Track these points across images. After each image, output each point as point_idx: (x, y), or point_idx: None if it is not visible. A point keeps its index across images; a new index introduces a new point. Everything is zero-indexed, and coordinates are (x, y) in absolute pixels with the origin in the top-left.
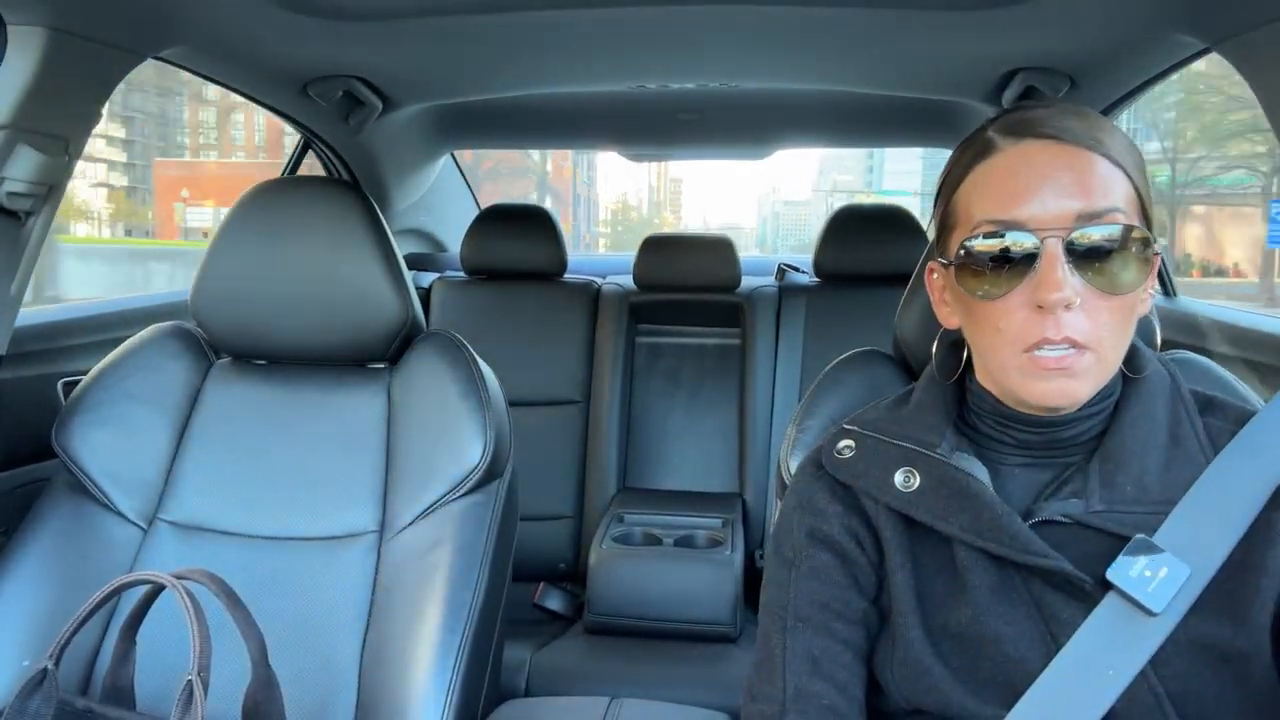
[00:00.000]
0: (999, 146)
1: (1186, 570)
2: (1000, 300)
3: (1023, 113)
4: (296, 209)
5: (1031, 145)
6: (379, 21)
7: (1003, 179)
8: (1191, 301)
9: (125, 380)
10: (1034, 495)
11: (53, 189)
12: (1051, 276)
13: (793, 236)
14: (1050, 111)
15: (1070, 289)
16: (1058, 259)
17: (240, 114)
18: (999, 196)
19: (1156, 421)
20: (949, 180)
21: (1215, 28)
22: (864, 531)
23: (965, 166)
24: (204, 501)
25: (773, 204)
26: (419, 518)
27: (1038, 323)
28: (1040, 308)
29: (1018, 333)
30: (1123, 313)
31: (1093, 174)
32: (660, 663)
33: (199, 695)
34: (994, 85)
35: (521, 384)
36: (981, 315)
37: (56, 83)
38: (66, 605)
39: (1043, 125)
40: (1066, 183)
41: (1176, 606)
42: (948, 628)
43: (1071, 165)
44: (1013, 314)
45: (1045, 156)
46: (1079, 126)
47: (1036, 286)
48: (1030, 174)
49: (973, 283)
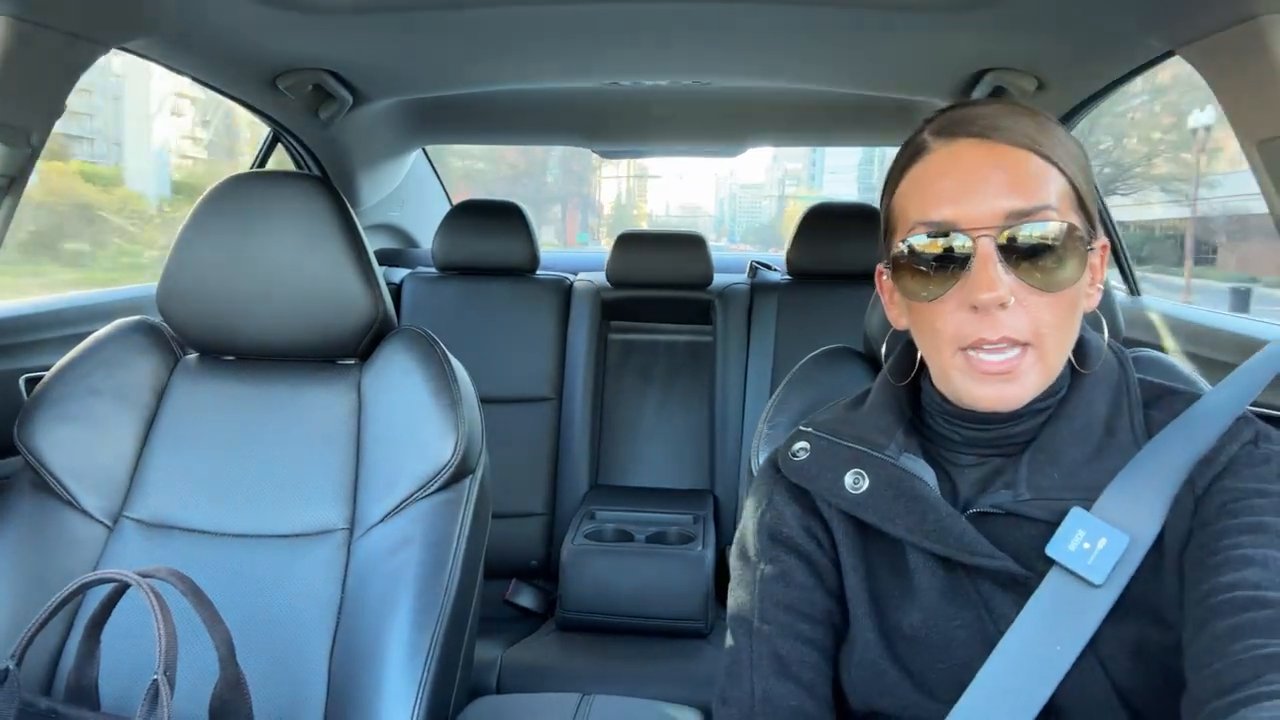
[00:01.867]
0: (931, 147)
1: (1125, 539)
2: (937, 301)
3: (957, 112)
4: (265, 203)
5: (961, 145)
6: (349, 15)
7: (933, 180)
8: (1154, 300)
9: (90, 376)
10: (978, 490)
11: (14, 181)
12: (984, 276)
13: (748, 217)
14: (984, 110)
15: (1004, 288)
16: (990, 258)
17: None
18: (930, 198)
19: (1094, 413)
20: (888, 183)
21: (1179, 31)
22: (821, 532)
23: (901, 169)
24: (170, 499)
25: (730, 187)
26: (389, 515)
27: (974, 323)
28: (975, 308)
29: (955, 333)
30: (1063, 309)
31: (1023, 171)
32: (632, 659)
33: (165, 695)
34: (963, 85)
35: (493, 380)
36: (920, 316)
37: (18, 73)
38: (29, 604)
39: (973, 124)
40: (996, 181)
41: (1117, 578)
42: (900, 630)
43: (1001, 163)
44: (949, 315)
45: (975, 155)
46: (1010, 124)
47: (971, 287)
48: (959, 174)
49: (910, 284)
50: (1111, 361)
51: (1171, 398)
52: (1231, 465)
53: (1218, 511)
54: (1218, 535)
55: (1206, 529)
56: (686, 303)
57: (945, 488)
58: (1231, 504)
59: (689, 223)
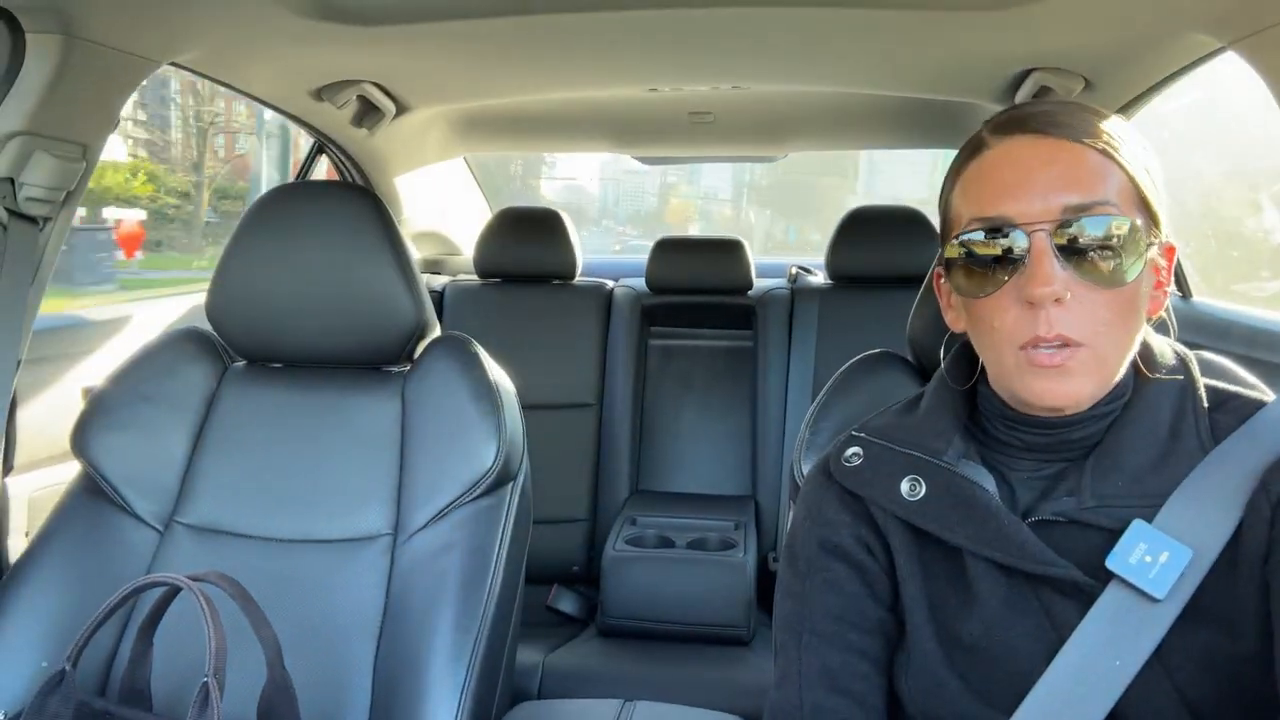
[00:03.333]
0: (988, 144)
1: (1188, 553)
2: (993, 297)
3: (1015, 110)
4: (310, 213)
5: (1018, 141)
6: (393, 26)
7: (989, 176)
8: (1208, 303)
9: (142, 384)
10: (1039, 497)
11: (70, 195)
12: (1040, 271)
13: (631, 201)
14: (1044, 108)
15: (1059, 283)
16: (1045, 253)
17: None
18: (986, 193)
19: (1159, 418)
20: (946, 182)
21: (1231, 26)
22: (874, 540)
23: (957, 169)
24: (220, 504)
25: (615, 172)
26: (432, 520)
27: (1030, 319)
28: (1031, 304)
29: (1011, 330)
30: (1122, 308)
31: (1081, 166)
32: (673, 665)
33: (215, 697)
34: (1007, 86)
35: (534, 387)
36: (977, 314)
37: (73, 90)
38: (84, 607)
39: (1032, 121)
40: (1053, 176)
41: (1180, 592)
42: (960, 639)
43: (1058, 158)
44: (1006, 311)
45: (1031, 151)
46: (1069, 120)
47: (1025, 281)
48: (1015, 169)
49: (966, 282)
50: (1177, 366)
51: (1236, 402)
52: None
53: None
54: None
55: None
56: (726, 308)
57: (1004, 494)
58: None
59: (572, 200)
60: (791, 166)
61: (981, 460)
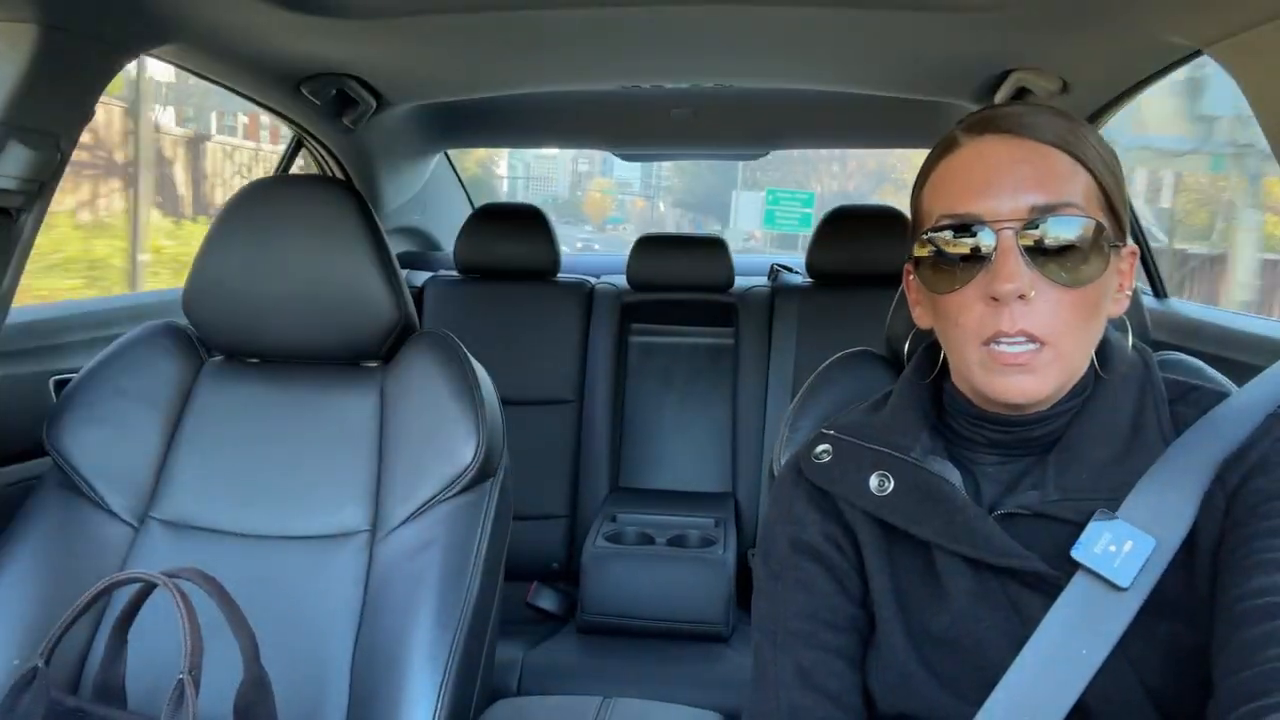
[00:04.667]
0: (960, 143)
1: (1151, 543)
2: (958, 293)
3: (989, 111)
4: (289, 207)
5: (990, 140)
6: (373, 20)
7: (959, 173)
8: (1181, 303)
9: (117, 378)
10: (1004, 491)
11: (44, 186)
12: (1005, 268)
13: (541, 185)
14: (1016, 109)
15: (1024, 280)
16: (1011, 250)
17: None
18: (955, 191)
19: (1120, 412)
20: (918, 180)
21: (1206, 30)
22: (843, 536)
23: (930, 165)
24: (196, 500)
25: (523, 154)
26: (411, 517)
27: (993, 315)
28: (995, 300)
29: (976, 326)
30: (1084, 308)
31: (1049, 167)
32: (652, 662)
33: (190, 694)
34: (988, 86)
35: (514, 383)
36: (943, 310)
37: (48, 79)
38: (57, 604)
39: (1003, 121)
40: (1022, 176)
41: (1143, 581)
42: (929, 632)
43: (1028, 159)
44: (970, 307)
45: (1002, 151)
46: (1040, 122)
47: (991, 278)
48: (985, 168)
49: (932, 277)
50: (1136, 362)
51: (1198, 394)
52: (1263, 463)
53: (1249, 512)
54: (1248, 538)
55: (1238, 530)
56: (707, 305)
57: (970, 489)
58: (1263, 505)
59: (483, 180)
60: (689, 169)
61: (948, 456)
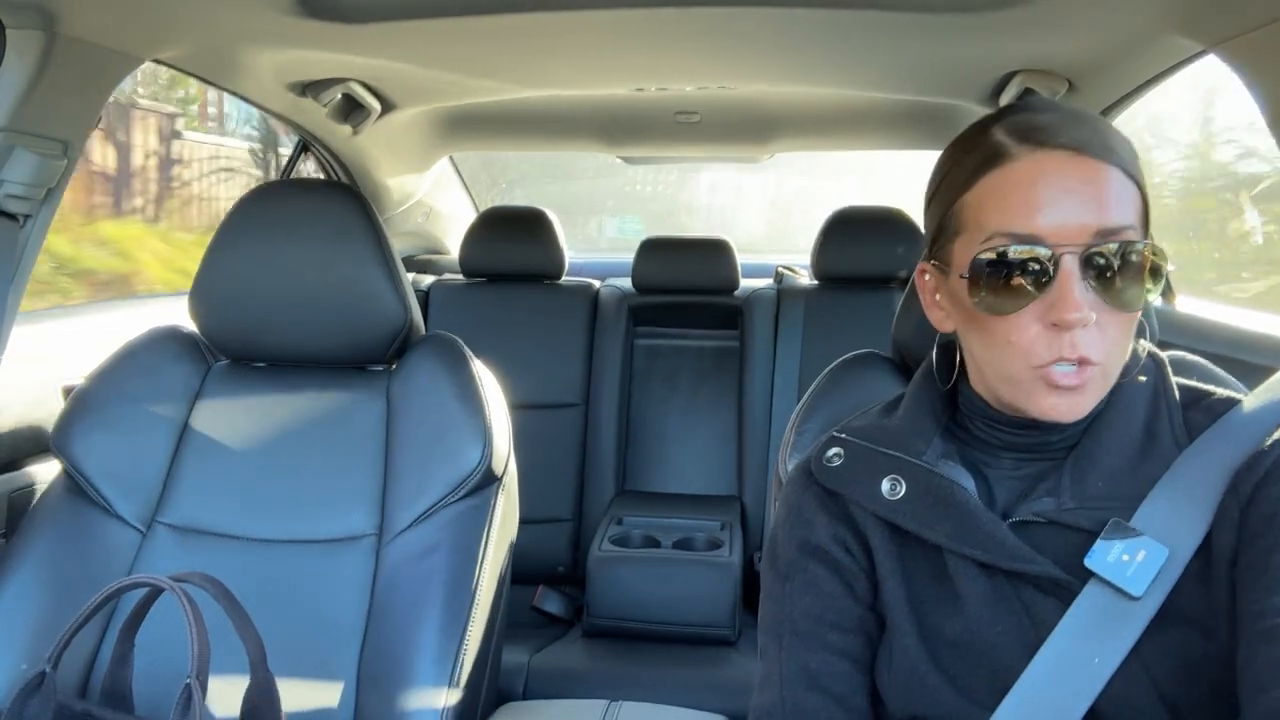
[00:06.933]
0: (1012, 154)
1: (1164, 552)
2: (1014, 315)
3: (1030, 116)
4: (294, 211)
5: (1049, 155)
6: (378, 24)
7: (1018, 190)
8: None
9: (124, 383)
10: (1019, 497)
11: (51, 192)
12: (1070, 296)
13: (503, 177)
14: (1060, 118)
15: (1087, 307)
16: (1074, 276)
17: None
18: (1015, 208)
19: (1134, 419)
20: (949, 182)
21: (1212, 30)
22: (853, 539)
23: (971, 171)
24: (202, 504)
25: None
26: (417, 521)
27: (1052, 341)
28: (1055, 325)
29: (1029, 349)
30: (1131, 328)
31: (1108, 188)
32: (659, 666)
33: (197, 699)
34: (993, 87)
35: (520, 387)
36: (990, 327)
37: (55, 86)
38: (65, 608)
39: (1059, 135)
40: (1085, 197)
41: (1157, 590)
42: (942, 635)
43: (1090, 179)
44: (1025, 329)
45: (1064, 169)
46: (1093, 137)
47: (1053, 304)
48: (1048, 187)
49: (984, 295)
50: (1149, 366)
51: (1211, 400)
52: (1276, 471)
53: (1265, 524)
54: (1267, 551)
55: (1256, 543)
56: (713, 308)
57: (983, 493)
58: (1278, 516)
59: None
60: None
61: (961, 460)
